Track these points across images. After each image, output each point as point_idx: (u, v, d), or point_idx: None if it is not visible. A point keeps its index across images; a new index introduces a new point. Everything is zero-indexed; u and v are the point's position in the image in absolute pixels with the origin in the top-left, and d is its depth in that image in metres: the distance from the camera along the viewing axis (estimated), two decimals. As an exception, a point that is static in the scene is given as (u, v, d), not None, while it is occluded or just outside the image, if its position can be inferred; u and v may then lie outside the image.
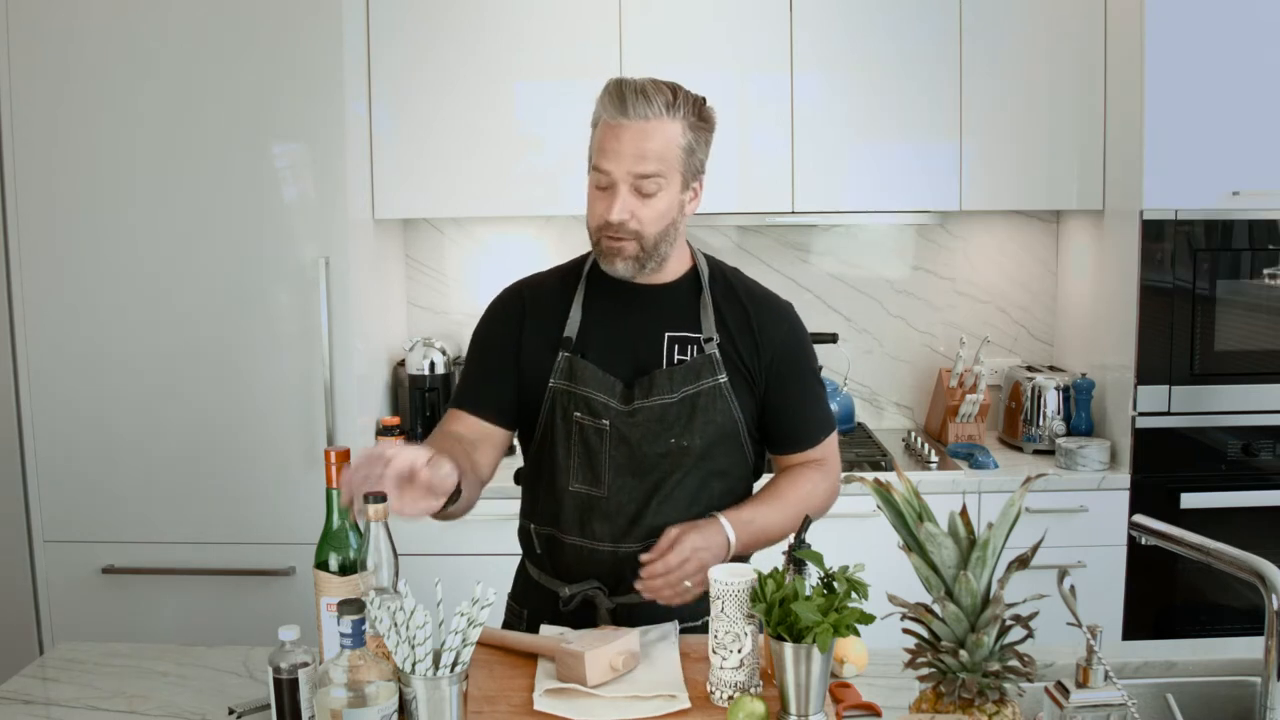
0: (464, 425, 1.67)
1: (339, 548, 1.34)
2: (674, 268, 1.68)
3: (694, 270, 1.71)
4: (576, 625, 1.60)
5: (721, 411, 1.63)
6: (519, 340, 1.68)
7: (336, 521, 1.34)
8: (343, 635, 1.18)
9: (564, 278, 1.73)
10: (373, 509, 1.32)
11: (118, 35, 2.52)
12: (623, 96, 1.54)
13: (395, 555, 1.35)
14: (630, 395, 1.63)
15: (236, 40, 2.52)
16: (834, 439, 1.76)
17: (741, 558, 1.65)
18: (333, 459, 1.33)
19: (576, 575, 1.66)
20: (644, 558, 1.54)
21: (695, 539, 1.54)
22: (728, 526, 1.58)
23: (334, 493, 1.34)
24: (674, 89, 1.57)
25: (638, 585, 1.54)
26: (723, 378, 1.63)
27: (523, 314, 1.69)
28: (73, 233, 2.60)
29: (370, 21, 2.76)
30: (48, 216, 2.60)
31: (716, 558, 1.55)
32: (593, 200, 1.61)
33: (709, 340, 1.64)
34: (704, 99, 1.61)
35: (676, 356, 1.64)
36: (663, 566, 1.51)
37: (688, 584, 1.52)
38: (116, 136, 2.56)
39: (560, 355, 1.65)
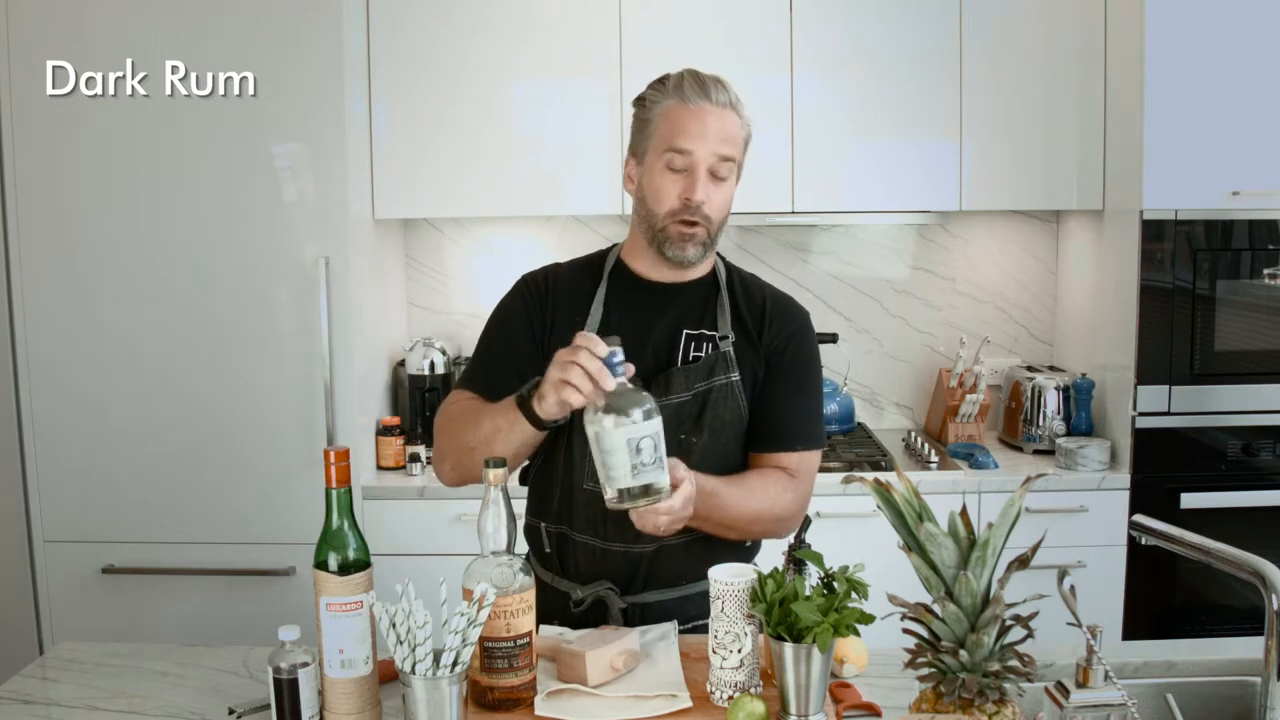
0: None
1: (339, 547, 1.34)
2: (699, 267, 1.68)
3: (713, 271, 1.71)
4: (585, 626, 1.60)
5: (731, 409, 1.63)
6: (548, 326, 1.64)
7: (336, 521, 1.34)
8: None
9: (586, 271, 1.70)
10: (493, 473, 1.34)
11: (118, 35, 2.52)
12: (703, 82, 1.58)
13: (513, 519, 1.36)
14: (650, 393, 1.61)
15: (237, 40, 2.52)
16: (813, 459, 1.68)
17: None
18: (332, 459, 1.33)
19: (587, 575, 1.65)
20: None
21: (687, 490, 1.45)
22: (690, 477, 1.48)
23: (334, 492, 1.34)
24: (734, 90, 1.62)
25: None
26: (735, 375, 1.63)
27: (552, 301, 1.66)
28: (73, 233, 2.60)
29: (370, 21, 2.76)
30: (48, 217, 2.60)
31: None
32: (664, 184, 1.58)
33: (724, 338, 1.65)
34: None
35: (692, 354, 1.64)
36: None
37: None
38: (117, 136, 2.56)
39: None
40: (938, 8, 2.78)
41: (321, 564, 1.33)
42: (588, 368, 1.36)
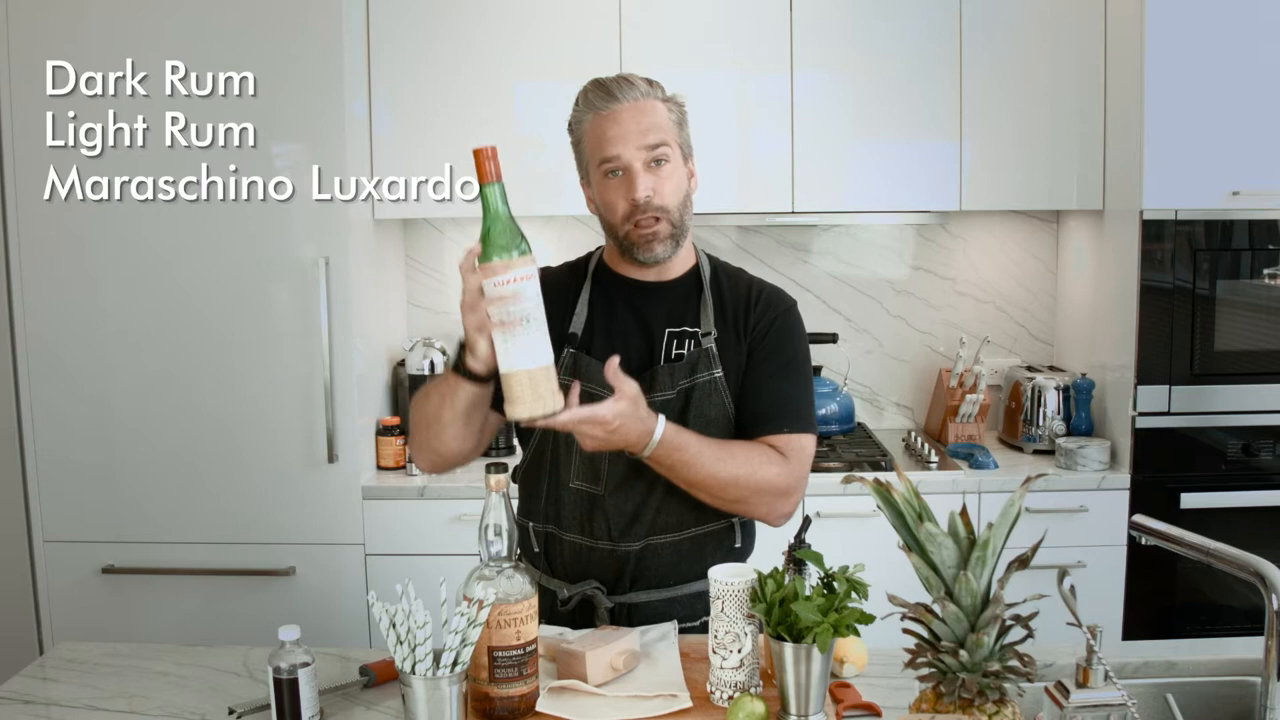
0: None
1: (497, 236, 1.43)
2: (679, 264, 1.69)
3: (696, 268, 1.71)
4: (575, 626, 1.60)
5: (715, 406, 1.63)
6: None
7: (495, 213, 1.42)
8: None
9: (571, 273, 1.74)
10: (493, 479, 1.35)
11: (118, 35, 2.52)
12: (606, 87, 1.62)
13: (515, 525, 1.37)
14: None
15: (237, 40, 2.52)
16: (803, 442, 1.63)
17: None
18: (488, 153, 1.41)
19: (575, 574, 1.66)
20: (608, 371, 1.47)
21: (626, 407, 1.46)
22: (661, 423, 1.50)
23: (488, 188, 1.44)
24: (643, 78, 1.64)
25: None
26: (718, 372, 1.63)
27: None
28: (73, 233, 2.60)
29: (370, 21, 2.76)
30: (48, 215, 2.60)
31: (626, 440, 1.48)
32: (610, 194, 1.61)
33: (706, 335, 1.65)
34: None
35: (674, 351, 1.65)
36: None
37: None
38: (116, 136, 2.56)
39: (565, 350, 1.64)
40: (938, 8, 2.78)
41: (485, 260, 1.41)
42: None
